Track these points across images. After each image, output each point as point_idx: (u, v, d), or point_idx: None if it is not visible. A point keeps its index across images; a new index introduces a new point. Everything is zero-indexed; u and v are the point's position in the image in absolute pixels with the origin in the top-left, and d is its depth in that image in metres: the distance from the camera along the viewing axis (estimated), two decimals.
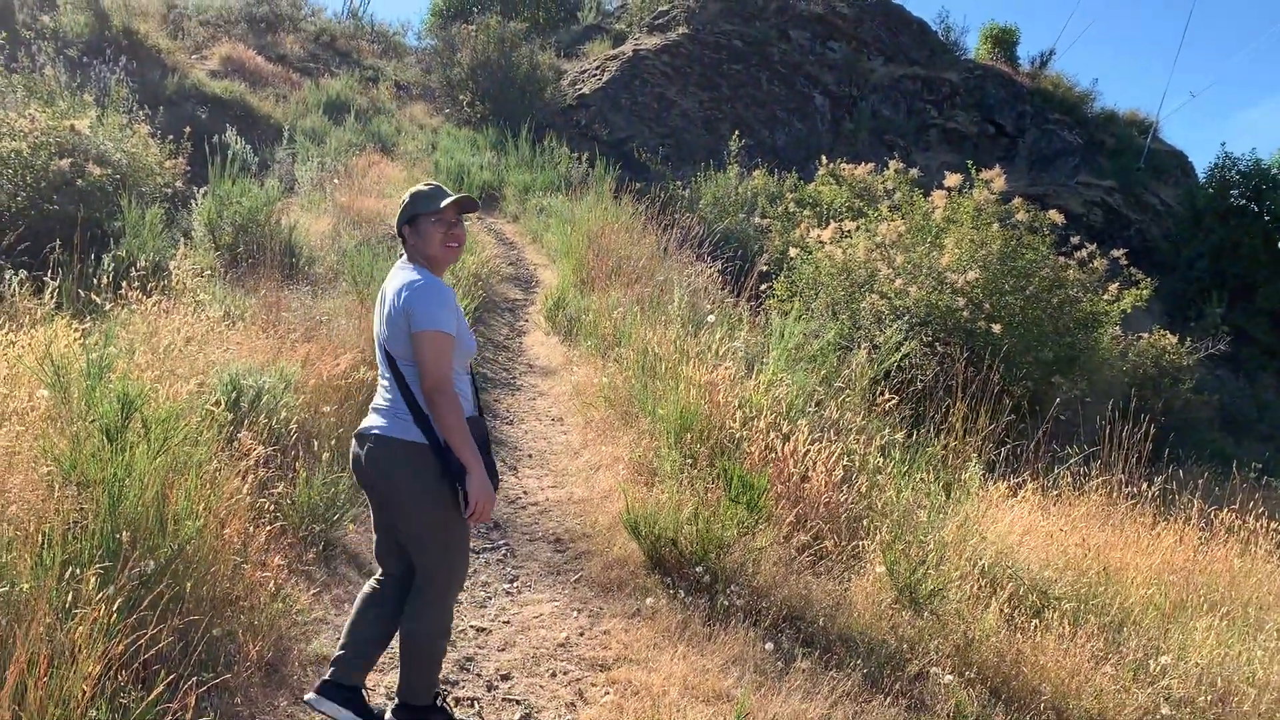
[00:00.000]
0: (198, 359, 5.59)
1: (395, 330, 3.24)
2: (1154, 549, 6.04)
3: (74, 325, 5.45)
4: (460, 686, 3.84)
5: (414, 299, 3.21)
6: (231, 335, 6.40)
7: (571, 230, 11.02)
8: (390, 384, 3.30)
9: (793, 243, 12.84)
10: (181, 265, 7.38)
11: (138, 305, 6.36)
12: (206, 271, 8.57)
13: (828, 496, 5.62)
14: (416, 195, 3.46)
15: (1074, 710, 4.23)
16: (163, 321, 6.17)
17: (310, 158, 13.80)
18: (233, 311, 7.09)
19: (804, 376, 7.37)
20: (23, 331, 5.03)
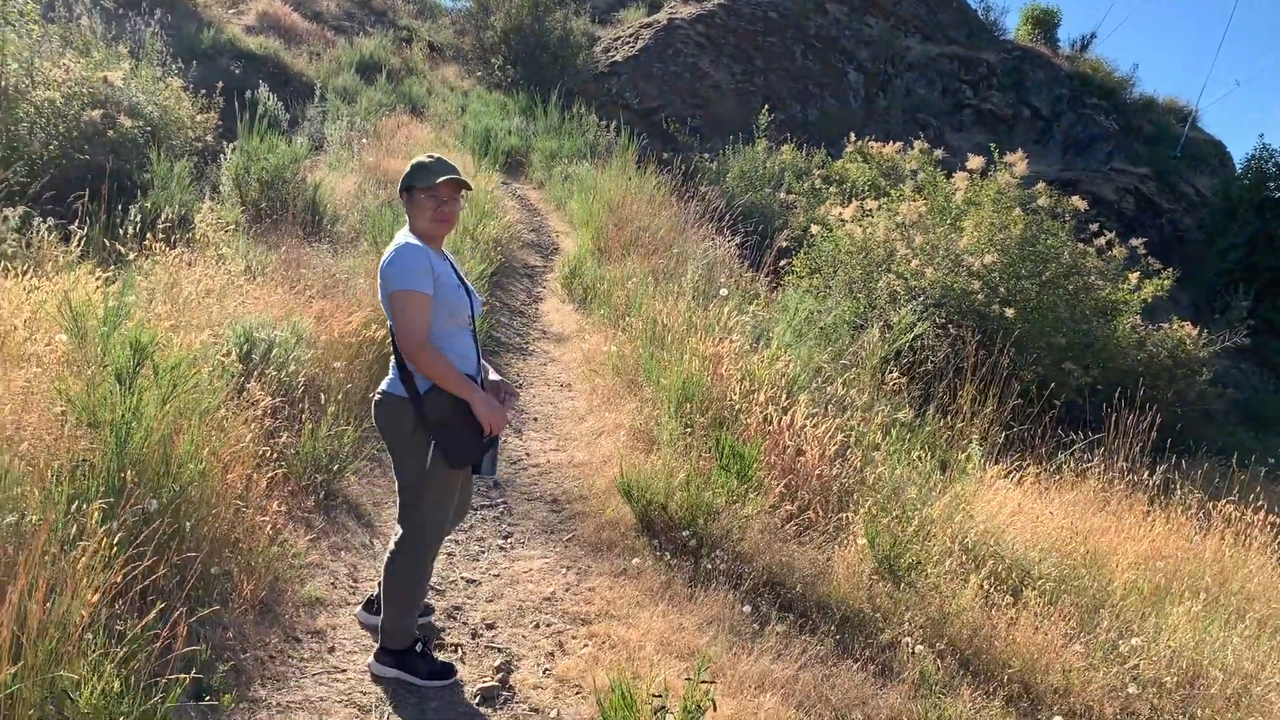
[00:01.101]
0: (215, 311, 5.76)
1: (381, 293, 3.46)
2: (1143, 535, 6.12)
3: (96, 273, 5.64)
4: (446, 633, 4.01)
5: (388, 264, 3.42)
6: (250, 289, 6.58)
7: (592, 199, 11.12)
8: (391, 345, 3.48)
9: (815, 220, 12.90)
10: (204, 218, 7.55)
11: (161, 256, 6.55)
12: (231, 226, 8.77)
13: (820, 470, 5.74)
14: (416, 166, 3.60)
15: (1041, 685, 4.35)
16: (184, 273, 6.35)
17: (340, 116, 13.95)
18: (253, 266, 7.27)
19: (809, 352, 7.48)
20: (46, 278, 5.22)
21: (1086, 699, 4.33)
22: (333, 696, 3.42)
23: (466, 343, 3.58)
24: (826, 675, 4.05)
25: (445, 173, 3.57)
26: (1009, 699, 4.22)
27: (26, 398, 3.90)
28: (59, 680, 2.67)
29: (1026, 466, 7.34)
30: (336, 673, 3.58)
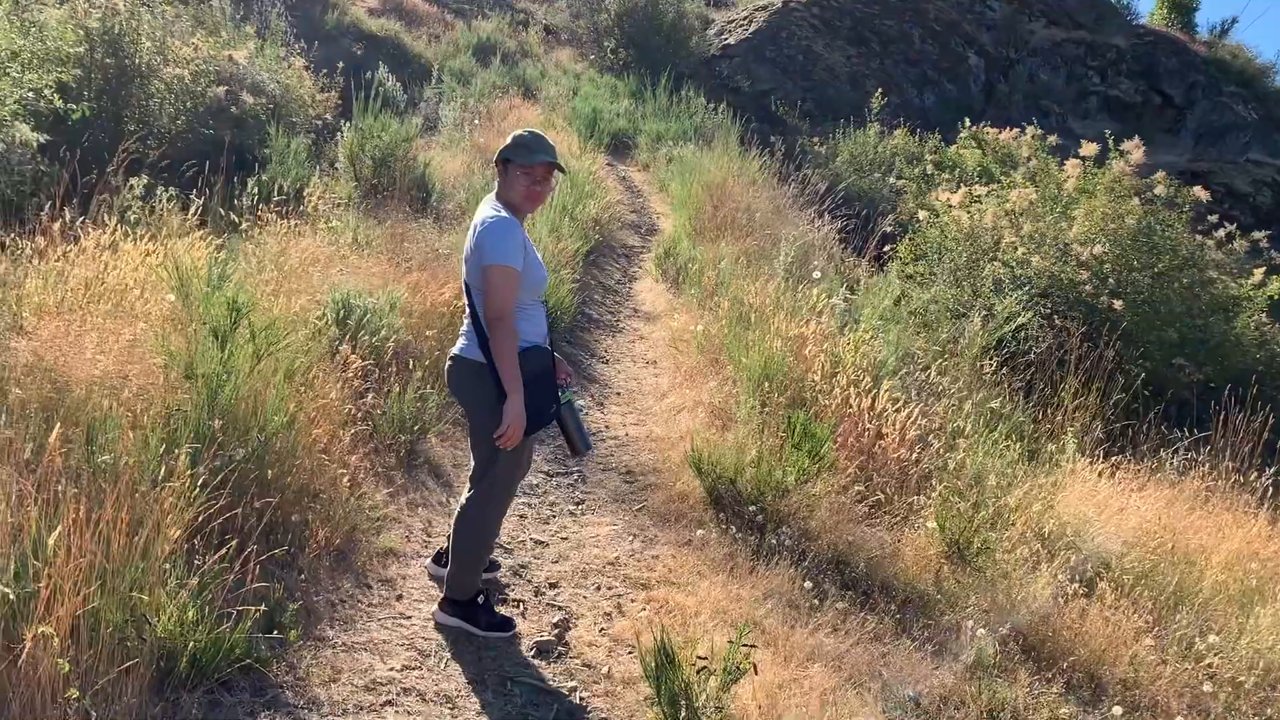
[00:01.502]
0: (317, 279, 6.05)
1: (471, 262, 3.59)
2: (1239, 535, 5.90)
3: (209, 240, 5.99)
4: (510, 589, 4.17)
5: (485, 234, 3.53)
6: (355, 260, 6.87)
7: (692, 180, 11.18)
8: (469, 310, 3.63)
9: (924, 206, 12.70)
10: (315, 192, 7.89)
11: (273, 226, 6.90)
12: (343, 200, 9.14)
13: (900, 454, 5.72)
14: (517, 142, 3.73)
15: (1106, 675, 4.28)
16: (293, 243, 6.68)
17: (454, 98, 14.31)
18: (360, 239, 7.58)
19: (898, 336, 7.42)
20: (163, 243, 5.57)
21: (1153, 693, 4.25)
22: (395, 640, 3.61)
23: (540, 316, 3.72)
24: (882, 652, 4.08)
25: (543, 154, 3.70)
26: (1069, 685, 4.18)
27: (132, 351, 4.20)
28: (139, 605, 2.91)
29: (1125, 462, 7.15)
30: (402, 619, 3.77)
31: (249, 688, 3.10)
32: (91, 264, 5.02)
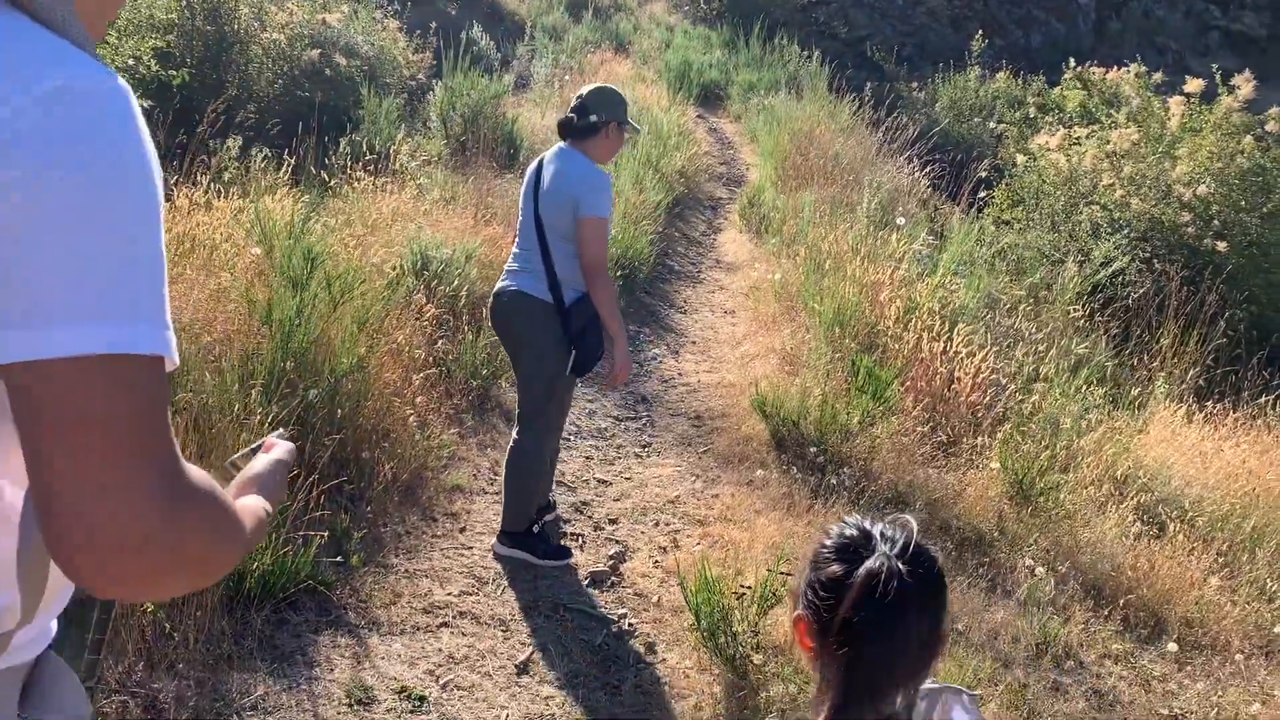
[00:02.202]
0: (401, 233, 6.29)
1: (559, 207, 3.70)
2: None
3: (298, 197, 6.28)
4: (570, 524, 4.34)
5: (586, 187, 3.69)
6: (438, 216, 7.10)
7: (780, 129, 11.11)
8: (532, 251, 3.77)
9: (1022, 150, 12.36)
10: (401, 150, 8.15)
11: (362, 184, 7.17)
12: (433, 158, 9.40)
13: (972, 398, 5.69)
14: (624, 104, 3.92)
15: (1168, 614, 4.24)
16: (380, 199, 6.94)
17: (547, 54, 14.45)
18: (445, 195, 7.81)
19: (979, 281, 7.32)
20: (252, 199, 5.86)
21: (1216, 632, 4.19)
22: (456, 568, 3.82)
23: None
24: None
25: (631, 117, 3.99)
26: (1127, 623, 4.15)
27: (217, 301, 4.48)
28: None
29: (1223, 408, 6.94)
30: (464, 549, 3.98)
31: (314, 608, 3.34)
32: (185, 221, 5.34)
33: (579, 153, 3.82)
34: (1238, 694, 3.84)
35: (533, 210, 3.78)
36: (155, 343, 0.82)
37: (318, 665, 3.09)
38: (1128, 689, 3.76)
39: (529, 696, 3.17)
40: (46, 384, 0.78)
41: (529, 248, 3.80)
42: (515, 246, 3.94)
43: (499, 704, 3.10)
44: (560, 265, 3.71)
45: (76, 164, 0.79)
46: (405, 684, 3.09)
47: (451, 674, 3.20)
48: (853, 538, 1.44)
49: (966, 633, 3.83)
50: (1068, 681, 3.72)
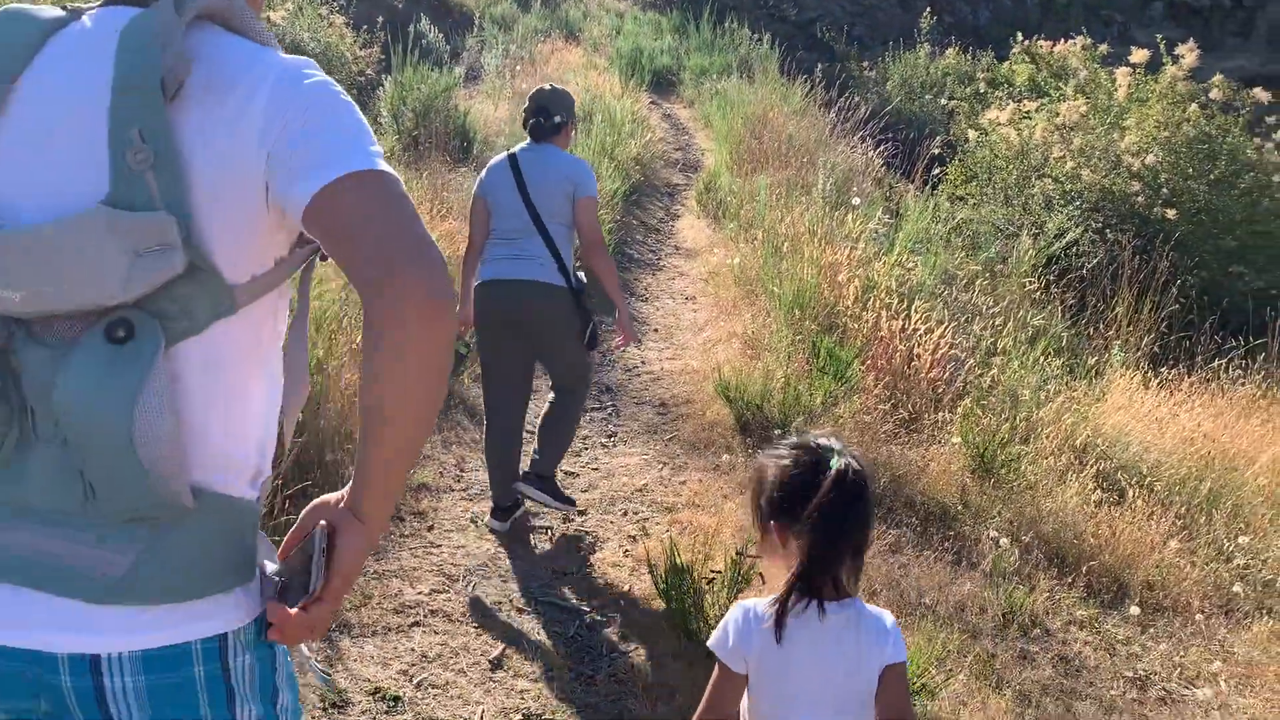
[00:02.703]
0: None
1: (555, 195, 4.00)
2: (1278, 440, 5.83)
3: None
4: (539, 518, 4.34)
5: (580, 171, 4.12)
6: None
7: (732, 113, 11.13)
8: (529, 239, 3.98)
9: (973, 126, 12.47)
10: None
11: None
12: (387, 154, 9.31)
13: (932, 374, 5.75)
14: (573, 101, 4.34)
15: (1130, 579, 4.32)
16: None
17: (496, 45, 14.36)
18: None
19: (934, 258, 7.39)
20: None
21: (1177, 594, 4.28)
22: (425, 567, 3.81)
23: None
24: (901, 564, 4.17)
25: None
26: (1090, 589, 4.23)
27: None
28: None
29: (1178, 374, 7.07)
30: (432, 548, 3.97)
31: None
32: None
33: (553, 146, 4.13)
34: (1199, 653, 3.93)
35: (523, 202, 3.97)
36: (386, 166, 1.17)
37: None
38: (1093, 654, 3.83)
39: (503, 691, 3.18)
40: (338, 199, 1.12)
41: (522, 236, 3.99)
42: (495, 238, 4.07)
43: (474, 700, 3.11)
44: (562, 249, 4.01)
45: (320, 92, 1.18)
46: (379, 685, 3.09)
47: (425, 672, 3.20)
48: (806, 451, 1.86)
49: (934, 606, 3.88)
50: (1035, 649, 3.78)
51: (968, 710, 3.26)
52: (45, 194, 1.12)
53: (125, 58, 1.12)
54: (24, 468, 1.13)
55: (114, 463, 1.08)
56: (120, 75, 1.11)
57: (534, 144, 4.13)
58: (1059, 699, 3.49)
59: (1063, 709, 3.43)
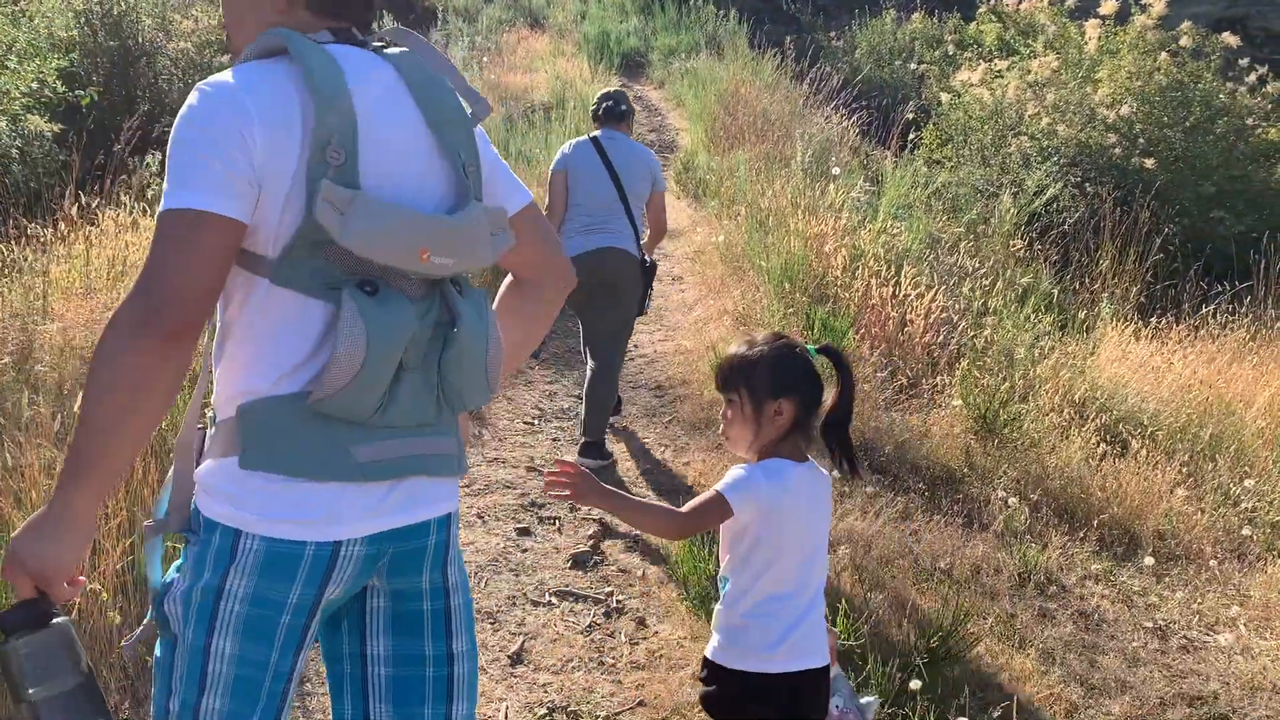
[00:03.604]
0: None
1: (638, 180, 4.66)
2: (1275, 381, 5.84)
3: None
4: (545, 508, 4.30)
5: (658, 167, 4.88)
6: None
7: (705, 90, 11.07)
8: (615, 217, 4.58)
9: (945, 88, 12.45)
10: None
11: None
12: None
13: (925, 339, 5.73)
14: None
15: (1140, 530, 4.32)
16: None
17: (461, 36, 14.25)
18: None
19: (919, 222, 7.36)
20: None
21: (1188, 541, 4.28)
22: None
23: None
24: (912, 530, 4.15)
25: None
26: (1102, 542, 4.22)
27: None
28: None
29: (1167, 322, 7.08)
30: None
31: None
32: (113, 244, 5.18)
33: (622, 133, 4.79)
34: (1216, 599, 3.93)
35: (611, 181, 4.57)
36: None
37: (308, 680, 3.03)
38: (1111, 607, 3.82)
39: (525, 685, 3.14)
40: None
41: (609, 213, 4.58)
42: (579, 217, 4.59)
43: (496, 696, 3.07)
44: (638, 225, 4.69)
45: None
46: None
47: None
48: (781, 341, 2.18)
49: (950, 569, 3.87)
50: (1053, 607, 3.77)
51: (993, 672, 3.25)
52: (412, 195, 1.48)
53: (431, 100, 1.51)
54: (395, 395, 1.43)
55: (475, 375, 1.51)
56: (435, 113, 1.51)
57: (607, 131, 4.74)
58: (1082, 654, 3.48)
59: (1087, 664, 3.43)
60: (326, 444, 1.42)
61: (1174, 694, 3.31)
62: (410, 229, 1.40)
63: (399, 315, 1.41)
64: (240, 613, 1.41)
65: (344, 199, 1.35)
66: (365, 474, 1.44)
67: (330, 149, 1.37)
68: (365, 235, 1.35)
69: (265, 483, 1.40)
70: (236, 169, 1.34)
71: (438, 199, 1.51)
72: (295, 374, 1.41)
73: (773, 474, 2.09)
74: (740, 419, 2.13)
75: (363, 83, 1.44)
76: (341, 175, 1.38)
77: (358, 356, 1.35)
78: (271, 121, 1.36)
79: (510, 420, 5.24)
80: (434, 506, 1.55)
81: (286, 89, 1.39)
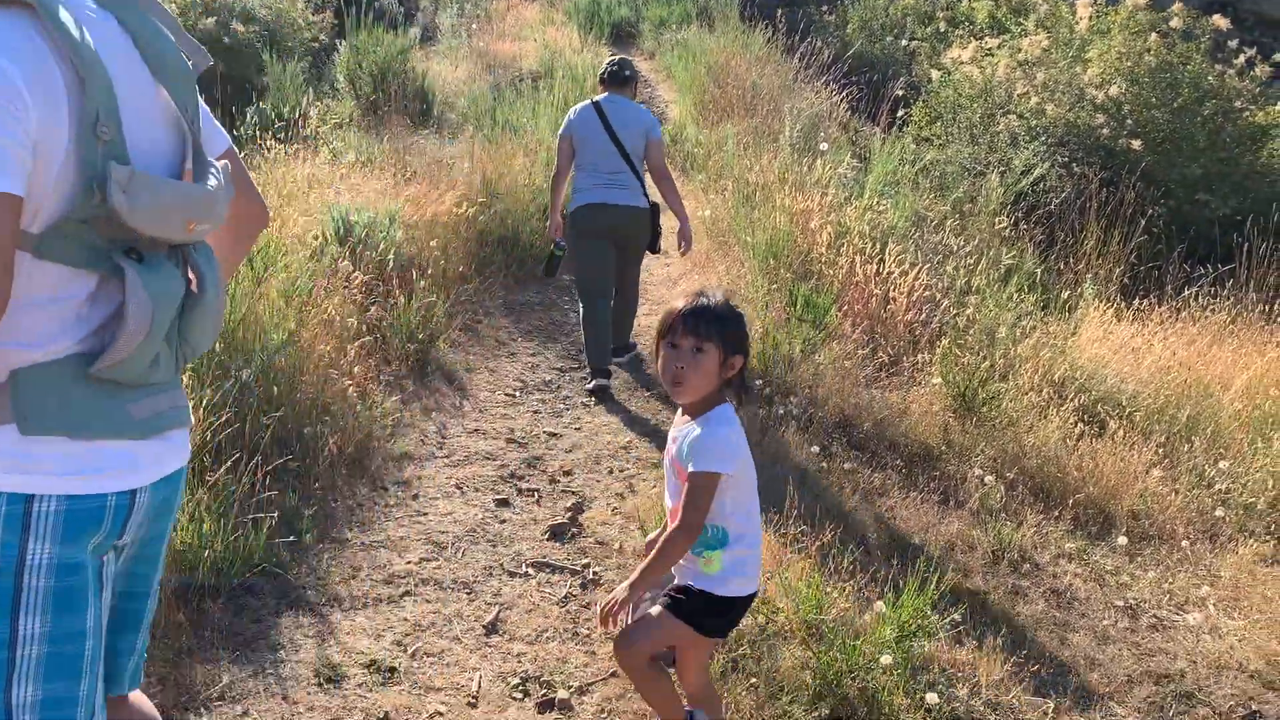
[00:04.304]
0: (320, 200, 6.12)
1: (636, 137, 5.24)
2: (1257, 363, 5.87)
3: None
4: (525, 480, 4.31)
5: (654, 121, 5.41)
6: (356, 179, 6.92)
7: (695, 62, 11.00)
8: (621, 172, 5.22)
9: (936, 65, 12.40)
10: (310, 114, 7.91)
11: (272, 153, 6.94)
12: (344, 120, 9.15)
13: (908, 317, 5.74)
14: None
15: (1115, 509, 4.35)
16: (294, 167, 6.73)
17: (451, 3, 14.10)
18: (362, 158, 7.61)
19: (905, 200, 7.35)
20: None
21: (1162, 522, 4.32)
22: (412, 536, 3.77)
23: None
24: (889, 506, 4.18)
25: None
26: (1077, 521, 4.26)
27: None
28: None
29: (1149, 304, 7.10)
30: (419, 516, 3.93)
31: (271, 590, 3.28)
32: None
33: (624, 96, 5.35)
34: (1187, 579, 3.96)
35: (613, 142, 5.15)
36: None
37: (282, 648, 3.04)
38: (1084, 585, 3.86)
39: (499, 655, 3.15)
40: None
41: (615, 169, 5.21)
42: (590, 170, 5.21)
43: (470, 666, 3.08)
44: (641, 178, 5.30)
45: None
46: (374, 657, 3.06)
47: (420, 642, 3.17)
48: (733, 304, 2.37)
49: (924, 546, 3.90)
50: (1026, 584, 3.80)
51: (964, 648, 3.28)
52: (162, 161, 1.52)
53: (157, 54, 1.49)
54: (157, 360, 1.49)
55: (209, 329, 1.60)
56: (162, 69, 1.50)
57: (611, 94, 5.30)
58: (1053, 632, 3.51)
59: (1058, 641, 3.46)
60: (105, 403, 1.45)
61: (1141, 672, 3.35)
62: (182, 202, 1.45)
63: (170, 281, 1.47)
64: (47, 586, 1.40)
65: (124, 177, 1.35)
66: (143, 429, 1.51)
67: (100, 125, 1.35)
68: (148, 212, 1.38)
69: (51, 445, 1.40)
70: (16, 142, 1.28)
71: (174, 158, 1.53)
72: (63, 339, 1.42)
73: (732, 421, 2.32)
74: (707, 369, 2.25)
75: (104, 43, 1.40)
76: (113, 150, 1.37)
77: (145, 326, 1.41)
78: (39, 91, 1.30)
79: (491, 392, 5.24)
80: (184, 453, 1.64)
81: (41, 50, 1.32)
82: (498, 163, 7.65)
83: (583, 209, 5.20)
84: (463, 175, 7.19)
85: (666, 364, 2.28)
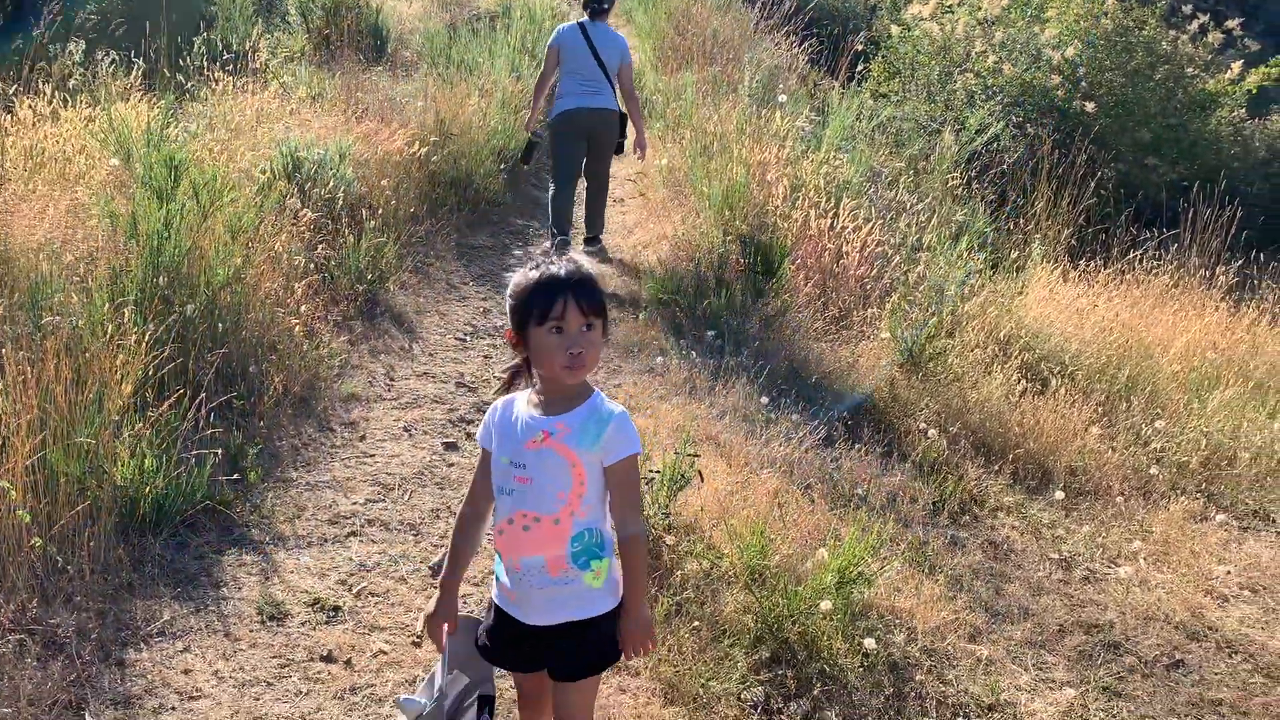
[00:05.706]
0: (269, 135, 5.98)
1: (613, 57, 6.09)
2: (1195, 327, 6.00)
3: (154, 102, 5.89)
4: (474, 424, 4.29)
5: (627, 47, 6.30)
6: (306, 115, 6.77)
7: (654, 6, 10.86)
8: (600, 82, 6.06)
9: (896, 21, 12.37)
10: (260, 47, 7.70)
11: (221, 86, 6.75)
12: (296, 54, 8.92)
13: (860, 272, 5.77)
14: None
15: (1053, 465, 4.45)
16: (243, 100, 6.56)
17: None
18: (312, 93, 7.44)
19: (862, 155, 7.36)
20: (103, 107, 5.48)
21: (1099, 478, 4.42)
22: (359, 477, 3.75)
23: None
24: (833, 457, 4.23)
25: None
26: (1016, 476, 4.35)
27: (77, 216, 4.21)
28: (95, 456, 3.02)
29: (1092, 266, 7.21)
30: (365, 457, 3.91)
31: (214, 528, 3.25)
32: (30, 134, 4.97)
33: (604, 23, 6.14)
34: (1120, 533, 4.07)
35: (595, 59, 6.01)
36: None
37: (224, 585, 3.02)
38: (1020, 538, 3.95)
39: None
40: None
41: (595, 80, 6.04)
42: (573, 81, 6.06)
43: (415, 606, 3.09)
44: (615, 90, 6.14)
45: None
46: (318, 595, 3.05)
47: (365, 582, 3.17)
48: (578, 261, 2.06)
49: (866, 496, 3.96)
50: (964, 535, 3.89)
51: (902, 596, 3.35)
52: None
53: None
54: None
55: None
56: None
57: (592, 21, 6.10)
58: (989, 582, 3.60)
59: (992, 591, 3.55)
60: None
61: (1073, 622, 3.45)
62: None
63: None
64: None
65: None
66: None
67: None
68: None
69: None
70: None
71: None
72: None
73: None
74: (600, 344, 2.05)
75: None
76: None
77: None
78: None
79: (441, 335, 5.20)
80: None
81: None
82: (452, 103, 7.51)
83: (566, 112, 6.07)
84: (415, 114, 7.06)
85: (555, 351, 1.95)
